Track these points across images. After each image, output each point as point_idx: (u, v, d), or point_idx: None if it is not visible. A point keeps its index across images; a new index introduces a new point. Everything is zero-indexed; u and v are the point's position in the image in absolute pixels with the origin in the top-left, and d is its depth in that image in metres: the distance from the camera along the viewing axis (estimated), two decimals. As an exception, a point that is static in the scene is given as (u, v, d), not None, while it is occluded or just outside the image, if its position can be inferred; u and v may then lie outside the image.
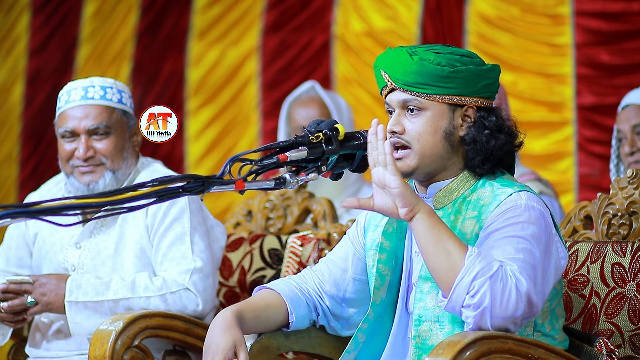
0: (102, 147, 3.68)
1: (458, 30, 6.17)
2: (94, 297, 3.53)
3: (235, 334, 2.85)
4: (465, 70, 2.82)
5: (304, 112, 5.33)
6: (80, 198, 2.51)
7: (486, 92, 2.86)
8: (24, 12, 7.75)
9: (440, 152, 2.83)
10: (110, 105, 3.69)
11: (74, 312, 3.53)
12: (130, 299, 3.53)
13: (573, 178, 5.88)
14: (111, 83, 3.71)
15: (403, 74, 2.82)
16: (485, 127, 2.83)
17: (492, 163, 2.84)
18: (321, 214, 3.97)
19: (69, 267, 3.70)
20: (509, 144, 2.85)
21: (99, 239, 3.69)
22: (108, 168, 3.68)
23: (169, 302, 3.54)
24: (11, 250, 3.85)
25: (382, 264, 2.93)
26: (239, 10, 7.06)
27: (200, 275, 3.59)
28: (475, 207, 2.81)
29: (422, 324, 2.81)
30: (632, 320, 3.03)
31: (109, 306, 3.51)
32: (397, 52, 2.85)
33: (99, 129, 3.67)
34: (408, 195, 2.70)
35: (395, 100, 2.85)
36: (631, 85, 5.21)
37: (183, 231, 3.62)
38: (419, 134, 2.81)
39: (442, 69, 2.80)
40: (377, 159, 2.72)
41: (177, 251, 3.61)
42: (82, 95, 3.68)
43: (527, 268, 2.63)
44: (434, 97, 2.81)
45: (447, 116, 2.83)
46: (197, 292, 3.57)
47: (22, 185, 7.62)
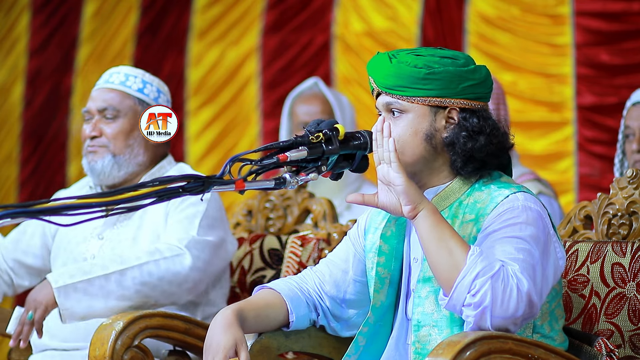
0: (107, 130, 3.75)
1: (458, 30, 6.17)
2: (82, 277, 3.48)
3: (236, 332, 2.85)
4: (442, 71, 2.81)
5: (306, 108, 5.32)
6: (80, 198, 2.52)
7: (470, 93, 2.83)
8: (24, 12, 7.75)
9: (422, 153, 2.83)
10: (126, 92, 3.76)
11: (63, 297, 3.48)
12: (123, 270, 3.50)
13: (573, 178, 5.88)
14: (138, 73, 3.79)
15: (384, 77, 2.84)
16: (465, 128, 2.82)
17: (475, 165, 2.82)
18: (321, 214, 3.97)
19: (88, 257, 3.72)
20: (491, 145, 2.82)
21: (120, 229, 3.73)
22: (110, 151, 3.73)
23: (162, 267, 3.53)
24: (25, 235, 3.90)
25: (381, 267, 2.94)
26: (239, 10, 7.06)
27: (198, 246, 3.59)
28: (472, 210, 2.81)
29: (420, 329, 2.81)
30: (632, 320, 3.03)
31: (100, 284, 3.48)
32: (380, 57, 2.87)
33: (107, 110, 3.74)
34: (412, 193, 2.70)
35: (380, 103, 2.88)
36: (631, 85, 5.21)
37: (195, 215, 3.64)
38: (399, 135, 2.82)
39: (418, 71, 2.80)
40: (382, 156, 2.73)
41: (182, 227, 3.62)
42: (106, 80, 3.80)
43: (528, 268, 2.63)
44: (413, 99, 2.82)
45: (428, 118, 2.83)
46: (191, 255, 3.55)
47: (22, 185, 7.62)
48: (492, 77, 2.91)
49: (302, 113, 5.31)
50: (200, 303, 3.74)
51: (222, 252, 3.72)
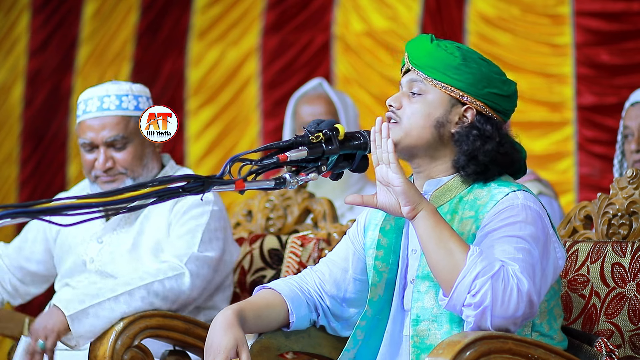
0: (120, 158, 3.71)
1: (458, 30, 6.16)
2: (91, 301, 3.47)
3: (237, 333, 2.85)
4: (475, 67, 2.83)
5: (310, 109, 5.31)
6: (80, 198, 2.52)
7: (492, 101, 2.84)
8: (24, 12, 7.75)
9: (427, 137, 2.83)
10: (126, 115, 3.70)
11: (77, 324, 3.44)
12: (131, 291, 3.50)
13: (573, 178, 5.88)
14: (127, 90, 3.72)
15: (418, 54, 2.86)
16: (477, 129, 2.82)
17: (477, 168, 2.82)
18: (321, 214, 3.97)
19: (87, 260, 3.73)
20: (497, 153, 2.82)
21: (120, 234, 3.73)
22: (129, 176, 3.71)
23: (167, 286, 3.53)
24: (27, 242, 3.89)
25: (379, 260, 2.94)
26: (239, 10, 7.06)
27: (197, 263, 3.59)
28: (472, 207, 2.81)
29: (420, 323, 2.81)
30: (632, 320, 3.03)
31: (110, 306, 3.47)
32: (423, 36, 2.90)
33: (116, 141, 3.70)
34: (411, 193, 2.71)
35: (405, 79, 2.89)
36: (631, 85, 5.21)
37: (197, 228, 3.65)
38: (412, 113, 2.83)
39: (453, 59, 2.82)
40: (381, 157, 2.73)
41: (184, 242, 3.63)
42: (98, 106, 3.70)
43: (527, 268, 2.63)
44: (437, 83, 2.83)
45: (444, 107, 2.84)
46: (190, 276, 3.57)
47: (22, 185, 7.62)
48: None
49: (306, 114, 5.29)
50: (203, 307, 3.74)
51: (222, 266, 3.72)
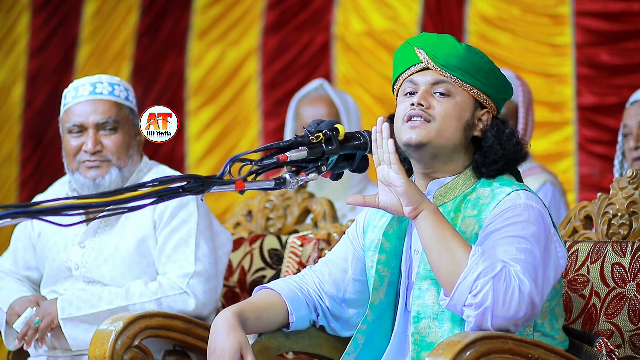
0: (109, 143, 3.68)
1: (458, 30, 6.16)
2: (88, 310, 3.54)
3: (239, 336, 2.85)
4: (498, 73, 2.89)
5: (311, 111, 5.29)
6: (80, 198, 2.52)
7: (500, 104, 2.91)
8: (24, 12, 7.75)
9: (456, 140, 2.83)
10: (118, 101, 3.70)
11: (70, 327, 3.55)
12: (126, 306, 3.54)
13: (573, 178, 5.88)
14: (118, 80, 3.73)
15: (446, 55, 2.84)
16: (501, 132, 2.85)
17: (497, 167, 2.85)
18: (321, 214, 3.97)
19: (72, 266, 3.70)
20: (515, 154, 2.87)
21: (102, 238, 3.70)
22: (114, 164, 3.68)
23: (164, 305, 3.55)
24: (18, 252, 3.87)
25: (382, 264, 2.93)
26: (239, 10, 7.06)
27: (200, 279, 3.59)
28: (475, 206, 2.81)
29: (420, 321, 2.81)
30: (632, 320, 3.03)
31: (106, 317, 3.47)
32: (443, 36, 2.89)
33: (107, 123, 3.67)
34: (412, 193, 2.71)
35: (424, 79, 2.85)
36: (631, 85, 5.22)
37: (189, 234, 3.63)
38: (446, 113, 2.82)
39: (484, 63, 2.85)
40: (382, 157, 2.73)
41: (180, 254, 3.62)
42: (91, 91, 3.69)
43: (529, 269, 2.63)
44: (467, 86, 2.84)
45: (470, 110, 2.86)
46: (194, 295, 3.57)
47: (22, 185, 7.62)
48: (522, 80, 2.98)
49: (307, 115, 5.28)
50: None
51: (222, 252, 3.74)
